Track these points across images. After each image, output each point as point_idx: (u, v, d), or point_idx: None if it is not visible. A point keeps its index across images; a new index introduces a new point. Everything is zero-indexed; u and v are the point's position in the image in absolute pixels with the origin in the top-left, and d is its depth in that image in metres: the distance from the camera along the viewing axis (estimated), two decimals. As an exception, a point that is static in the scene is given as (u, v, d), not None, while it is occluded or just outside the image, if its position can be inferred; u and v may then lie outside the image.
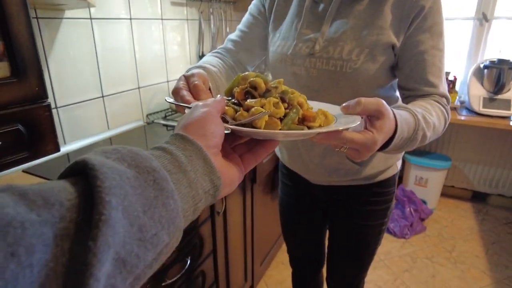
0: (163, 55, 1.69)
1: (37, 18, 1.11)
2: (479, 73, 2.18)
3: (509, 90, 2.09)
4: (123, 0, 1.41)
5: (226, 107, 0.42)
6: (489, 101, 2.10)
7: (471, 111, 2.17)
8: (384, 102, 0.47)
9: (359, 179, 0.85)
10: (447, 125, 0.69)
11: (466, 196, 2.62)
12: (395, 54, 0.70)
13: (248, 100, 0.44)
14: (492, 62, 2.10)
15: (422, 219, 2.26)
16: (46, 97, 0.85)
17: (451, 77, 2.26)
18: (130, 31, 1.47)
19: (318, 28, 0.75)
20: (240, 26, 0.89)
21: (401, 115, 0.52)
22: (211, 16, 1.95)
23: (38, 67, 0.81)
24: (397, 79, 0.75)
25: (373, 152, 0.47)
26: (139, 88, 1.57)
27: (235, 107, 0.44)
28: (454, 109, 2.22)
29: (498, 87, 2.07)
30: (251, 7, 0.89)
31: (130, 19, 1.46)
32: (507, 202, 2.50)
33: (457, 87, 2.34)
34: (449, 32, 2.38)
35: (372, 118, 0.47)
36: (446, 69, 2.15)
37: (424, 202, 2.36)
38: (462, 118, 2.08)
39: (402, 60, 0.70)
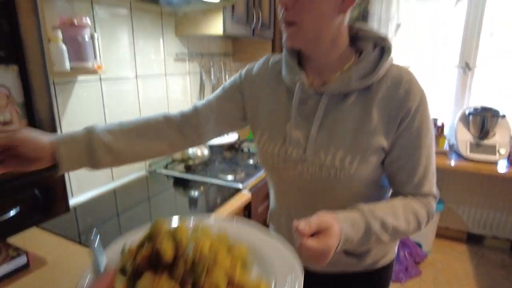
0: (166, 108, 1.80)
1: (54, 84, 1.22)
2: (465, 119, 2.29)
3: (494, 135, 2.19)
4: (130, 60, 1.54)
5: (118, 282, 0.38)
6: (476, 147, 2.20)
7: (459, 155, 2.27)
8: (325, 217, 0.56)
9: (358, 268, 0.83)
10: (424, 224, 0.70)
11: (461, 238, 2.65)
12: (385, 153, 0.70)
13: (141, 279, 0.38)
14: (476, 109, 2.23)
15: (417, 263, 2.29)
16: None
17: (439, 123, 2.37)
18: (135, 88, 1.58)
19: (307, 128, 0.72)
20: (211, 97, 0.85)
21: (349, 222, 0.60)
22: (212, 69, 2.09)
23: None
24: None
25: (330, 255, 0.55)
26: (142, 139, 1.66)
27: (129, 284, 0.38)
28: (444, 153, 2.32)
29: (483, 133, 2.17)
30: (226, 86, 0.85)
31: (136, 77, 1.58)
32: (502, 244, 2.53)
33: (446, 131, 2.44)
34: (435, 79, 2.52)
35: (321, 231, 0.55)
36: (434, 116, 2.25)
37: (419, 245, 2.39)
38: (452, 163, 2.17)
39: (390, 159, 0.70)
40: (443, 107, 2.53)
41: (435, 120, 2.35)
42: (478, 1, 2.30)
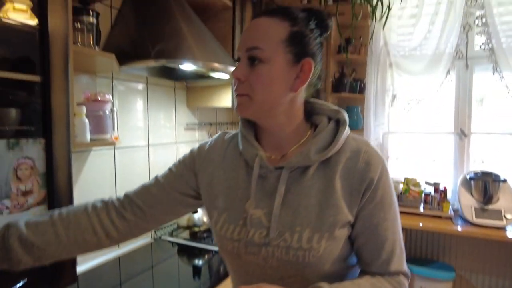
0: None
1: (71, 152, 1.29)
2: (466, 184, 2.32)
3: (498, 200, 2.20)
4: (143, 130, 1.63)
5: None
6: (481, 211, 2.19)
7: (465, 220, 2.25)
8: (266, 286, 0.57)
9: None
10: None
11: (479, 309, 2.50)
12: (352, 226, 0.67)
13: None
14: (476, 174, 2.27)
15: (435, 338, 2.13)
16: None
17: (441, 188, 2.39)
18: (146, 156, 1.66)
19: (269, 207, 0.67)
20: (159, 176, 0.83)
21: None
22: (218, 136, 2.19)
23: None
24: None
25: None
26: (149, 205, 1.69)
27: None
28: (449, 218, 2.30)
29: (486, 198, 2.18)
30: (175, 165, 0.83)
31: (148, 145, 1.66)
32: (523, 317, 2.38)
33: (449, 195, 2.45)
34: (433, 144, 2.61)
35: None
36: (436, 181, 2.27)
37: (435, 318, 2.25)
38: (459, 228, 2.15)
39: (354, 233, 0.67)
40: (443, 172, 2.58)
41: (437, 185, 2.38)
42: (466, 75, 2.48)
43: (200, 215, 1.72)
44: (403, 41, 2.54)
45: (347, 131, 0.68)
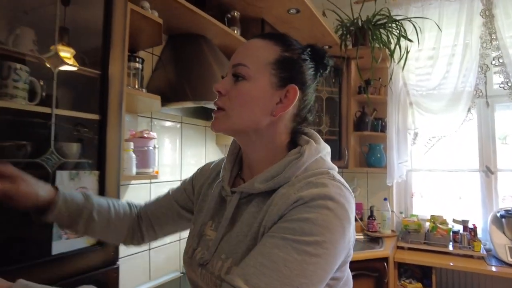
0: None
1: (111, 186, 1.38)
2: (497, 222, 2.26)
3: (533, 240, 2.12)
4: (177, 165, 1.72)
5: None
6: (516, 251, 2.11)
7: (500, 260, 2.16)
8: None
9: None
10: None
11: None
12: None
13: None
14: (507, 211, 2.21)
15: None
16: (117, 260, 1.01)
17: (470, 225, 2.34)
18: (178, 190, 1.73)
19: (220, 229, 0.65)
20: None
21: None
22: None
23: (118, 235, 1.00)
24: None
25: None
26: (180, 240, 1.73)
27: None
28: (482, 258, 2.22)
29: (521, 237, 2.11)
30: (185, 179, 0.89)
31: (180, 180, 1.74)
32: None
33: (479, 233, 2.37)
34: (459, 181, 2.59)
35: None
36: (463, 218, 2.22)
37: None
38: (493, 269, 2.06)
39: None
40: (470, 209, 2.52)
41: (465, 222, 2.33)
42: (487, 113, 2.51)
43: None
44: (422, 81, 2.62)
45: (301, 163, 0.61)
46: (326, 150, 0.68)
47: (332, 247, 0.53)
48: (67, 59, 0.94)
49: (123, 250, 1.40)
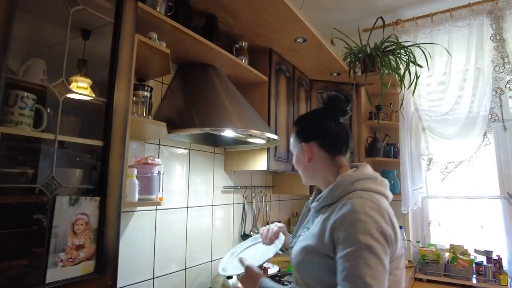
0: (209, 237, 1.88)
1: (117, 212, 1.38)
2: (524, 254, 2.12)
3: None
4: (184, 193, 1.72)
5: None
6: (546, 286, 1.96)
7: (529, 296, 2.00)
8: (246, 266, 1.09)
9: None
10: None
11: None
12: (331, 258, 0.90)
13: None
14: (534, 243, 2.07)
15: None
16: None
17: (494, 257, 2.19)
18: (185, 218, 1.71)
19: (302, 229, 1.11)
20: None
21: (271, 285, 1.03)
22: (253, 200, 2.23)
23: (115, 264, 0.99)
24: None
25: (246, 283, 1.08)
26: (185, 269, 1.69)
27: None
28: (509, 293, 2.06)
29: (550, 270, 1.96)
30: None
31: (187, 208, 1.73)
32: None
33: (505, 265, 2.22)
34: (478, 208, 2.46)
35: None
36: (486, 248, 2.10)
37: None
38: (521, 305, 1.91)
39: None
40: (492, 238, 2.38)
41: (489, 253, 2.19)
42: (505, 137, 2.43)
43: (235, 280, 1.69)
44: (434, 107, 2.58)
45: (339, 187, 0.97)
46: (362, 176, 0.99)
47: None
48: (84, 89, 0.98)
49: (125, 277, 1.38)
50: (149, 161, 1.19)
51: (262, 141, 1.78)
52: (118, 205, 1.01)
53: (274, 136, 1.62)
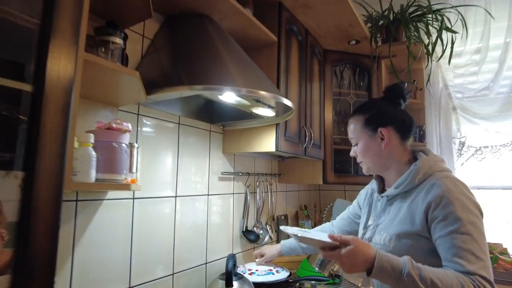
0: (204, 234, 1.51)
1: (76, 201, 1.01)
2: None
3: None
4: (171, 178, 1.35)
5: None
6: None
7: None
8: (352, 239, 0.86)
9: None
10: None
11: None
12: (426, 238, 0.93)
13: None
14: None
15: None
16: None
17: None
18: (173, 210, 1.35)
19: (376, 220, 1.10)
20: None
21: (387, 255, 0.84)
22: (257, 189, 1.86)
23: (49, 278, 0.62)
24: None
25: (354, 259, 0.83)
26: (173, 274, 1.32)
27: None
28: None
29: None
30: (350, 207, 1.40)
31: (175, 197, 1.36)
32: None
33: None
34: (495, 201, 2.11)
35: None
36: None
37: None
38: None
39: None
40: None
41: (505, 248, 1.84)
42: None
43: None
44: (468, 84, 2.22)
45: (421, 170, 0.98)
46: (435, 159, 1.03)
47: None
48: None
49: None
50: (114, 126, 0.82)
51: (271, 113, 1.40)
52: (57, 186, 0.64)
53: (289, 103, 1.24)
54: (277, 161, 2.18)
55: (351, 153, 1.15)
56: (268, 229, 1.91)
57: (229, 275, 1.27)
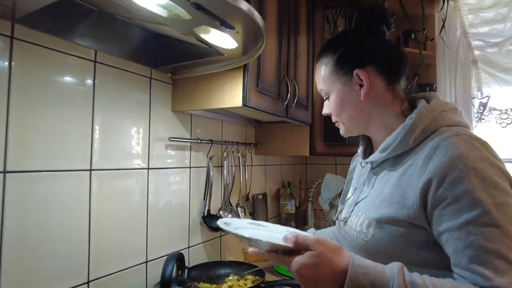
0: (142, 224, 1.08)
1: None
2: None
3: None
4: (82, 144, 0.90)
5: None
6: None
7: None
8: (316, 241, 0.55)
9: None
10: None
11: None
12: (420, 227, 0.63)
13: None
14: None
15: None
16: None
17: None
18: (86, 190, 0.90)
19: (356, 193, 0.79)
20: None
21: (366, 266, 0.55)
22: (225, 162, 1.43)
23: None
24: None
25: (316, 271, 0.54)
26: (88, 282, 0.90)
27: None
28: None
29: None
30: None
31: (90, 171, 0.92)
32: None
33: None
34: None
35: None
36: None
37: None
38: None
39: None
40: None
41: None
42: None
43: None
44: (493, 31, 1.78)
45: (419, 125, 0.66)
46: (443, 107, 0.68)
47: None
48: None
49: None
50: None
51: (232, 42, 0.92)
52: None
53: (256, 16, 0.77)
54: (253, 128, 1.74)
55: (324, 111, 0.82)
56: (240, 212, 1.50)
57: (167, 285, 0.85)
